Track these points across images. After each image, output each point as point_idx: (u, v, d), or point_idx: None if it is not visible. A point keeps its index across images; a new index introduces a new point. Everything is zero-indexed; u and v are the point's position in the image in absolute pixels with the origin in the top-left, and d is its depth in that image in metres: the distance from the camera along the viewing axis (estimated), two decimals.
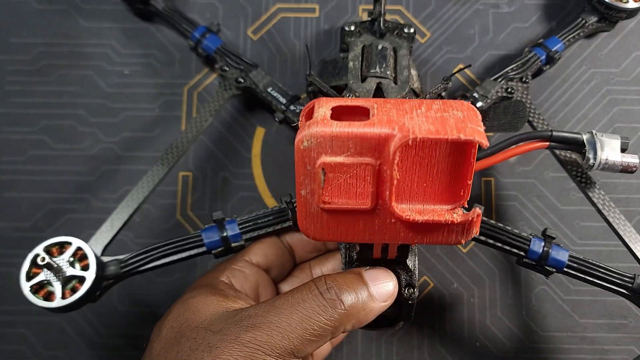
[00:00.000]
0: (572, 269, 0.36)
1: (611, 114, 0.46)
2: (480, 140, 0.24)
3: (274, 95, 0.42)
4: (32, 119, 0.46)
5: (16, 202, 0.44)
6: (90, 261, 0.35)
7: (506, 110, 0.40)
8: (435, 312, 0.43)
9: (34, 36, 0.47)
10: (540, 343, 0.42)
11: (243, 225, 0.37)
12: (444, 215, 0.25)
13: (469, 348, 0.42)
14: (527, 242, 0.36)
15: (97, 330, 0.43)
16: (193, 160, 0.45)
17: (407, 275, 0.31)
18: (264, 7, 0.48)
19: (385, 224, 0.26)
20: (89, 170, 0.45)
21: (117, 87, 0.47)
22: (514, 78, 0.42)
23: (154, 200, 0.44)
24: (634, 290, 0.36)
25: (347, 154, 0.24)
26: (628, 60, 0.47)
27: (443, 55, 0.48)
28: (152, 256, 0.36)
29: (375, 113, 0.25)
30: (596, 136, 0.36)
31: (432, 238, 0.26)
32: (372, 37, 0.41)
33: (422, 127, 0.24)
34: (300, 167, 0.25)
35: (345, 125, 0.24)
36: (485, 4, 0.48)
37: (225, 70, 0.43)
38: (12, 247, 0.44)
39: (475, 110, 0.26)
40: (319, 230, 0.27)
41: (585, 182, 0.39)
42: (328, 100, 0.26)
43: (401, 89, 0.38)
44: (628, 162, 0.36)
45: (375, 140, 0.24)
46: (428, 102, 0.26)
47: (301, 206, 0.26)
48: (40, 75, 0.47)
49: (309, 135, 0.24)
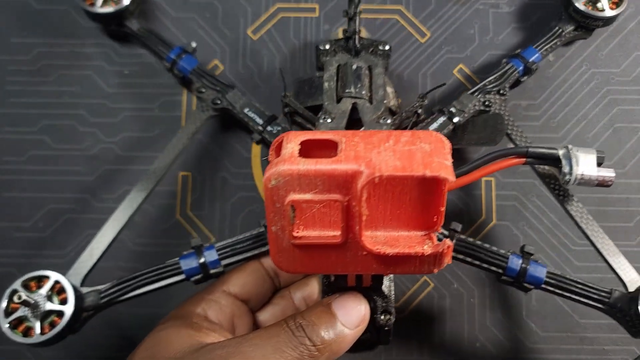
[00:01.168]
0: (550, 285, 0.36)
1: (611, 114, 0.46)
2: (446, 176, 0.24)
3: (251, 116, 0.42)
4: (32, 119, 0.46)
5: (16, 202, 0.44)
6: (69, 294, 0.35)
7: (485, 124, 0.41)
8: (435, 312, 0.43)
9: (34, 36, 0.47)
10: (540, 343, 0.42)
11: (221, 251, 0.36)
12: (415, 247, 0.25)
13: (469, 349, 0.42)
14: (505, 259, 0.36)
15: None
16: (192, 160, 0.45)
17: (384, 302, 0.31)
18: (263, 6, 0.48)
19: (357, 257, 0.26)
20: (88, 170, 0.45)
21: (117, 87, 0.47)
22: (492, 91, 0.42)
23: (153, 200, 0.44)
24: (610, 305, 0.36)
25: (315, 191, 0.24)
26: (628, 61, 0.47)
27: (443, 55, 0.47)
28: (131, 286, 0.36)
29: (343, 148, 0.25)
30: (572, 151, 0.36)
31: (404, 269, 0.26)
32: (347, 56, 0.41)
33: (388, 163, 0.24)
34: (270, 204, 0.25)
35: (312, 163, 0.24)
36: (486, 4, 0.48)
37: (202, 92, 0.43)
38: (12, 247, 0.44)
39: (444, 141, 0.26)
40: (292, 264, 0.27)
41: (563, 196, 0.39)
42: (297, 134, 0.26)
43: (376, 108, 0.38)
44: (604, 176, 0.36)
45: (342, 177, 0.24)
46: (397, 134, 0.26)
47: (273, 241, 0.26)
48: (40, 75, 0.47)
49: (277, 173, 0.24)
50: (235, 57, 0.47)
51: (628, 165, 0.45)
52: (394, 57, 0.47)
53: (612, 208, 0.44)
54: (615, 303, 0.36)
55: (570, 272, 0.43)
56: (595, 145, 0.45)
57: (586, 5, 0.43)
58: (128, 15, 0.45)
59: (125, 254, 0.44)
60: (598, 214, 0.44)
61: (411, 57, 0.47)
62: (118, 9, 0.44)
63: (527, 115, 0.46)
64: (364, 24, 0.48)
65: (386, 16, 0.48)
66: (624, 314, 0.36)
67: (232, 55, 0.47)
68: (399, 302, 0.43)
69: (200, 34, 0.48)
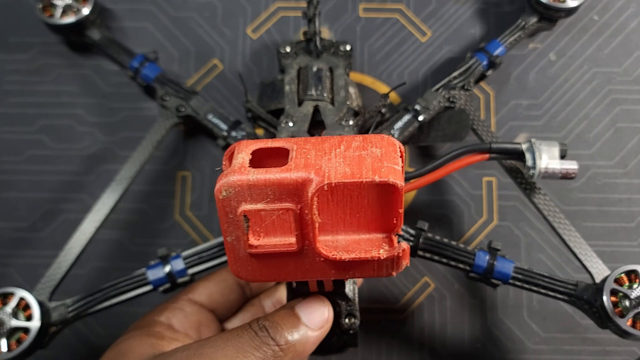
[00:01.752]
0: (517, 280, 0.37)
1: (613, 114, 0.46)
2: (395, 181, 0.24)
3: (215, 122, 0.41)
4: (30, 118, 0.46)
5: (14, 202, 0.44)
6: (34, 311, 0.35)
7: (450, 120, 0.41)
8: (436, 313, 0.43)
9: (32, 35, 0.47)
10: (541, 344, 0.42)
11: (188, 260, 0.36)
12: (371, 252, 0.25)
13: (470, 350, 0.42)
14: (472, 256, 0.37)
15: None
16: (192, 160, 0.45)
17: (348, 305, 0.31)
18: (263, 5, 0.48)
19: (315, 263, 0.26)
20: (87, 170, 0.45)
21: (115, 86, 0.46)
22: (456, 87, 0.42)
23: (151, 200, 0.44)
24: (576, 297, 0.36)
25: (266, 200, 0.24)
26: (630, 60, 0.47)
27: (444, 54, 0.47)
28: (98, 299, 0.36)
29: (293, 156, 0.25)
30: (535, 145, 0.37)
31: (363, 273, 0.26)
32: (308, 58, 0.41)
33: (338, 170, 0.24)
34: (223, 215, 0.25)
35: (262, 172, 0.24)
36: (487, 3, 0.48)
37: (166, 100, 0.42)
38: (10, 247, 0.43)
39: (396, 144, 0.26)
40: (251, 273, 0.27)
41: (530, 189, 0.39)
42: (248, 143, 0.26)
43: (338, 110, 0.38)
44: (567, 169, 0.37)
45: (292, 186, 0.24)
46: (348, 139, 0.26)
47: (229, 252, 0.26)
48: (38, 74, 0.46)
49: (226, 184, 0.24)
50: (235, 56, 0.47)
51: (630, 165, 0.45)
52: (395, 57, 0.47)
53: (614, 208, 0.44)
54: (581, 295, 0.36)
55: (571, 272, 0.43)
56: (597, 145, 0.45)
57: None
58: (89, 24, 0.44)
59: (123, 255, 0.43)
60: (599, 214, 0.44)
61: (412, 56, 0.47)
62: (79, 19, 0.43)
63: (529, 115, 0.46)
64: (364, 24, 0.48)
65: (386, 15, 0.48)
66: (590, 305, 0.36)
67: (232, 54, 0.47)
68: (400, 302, 0.43)
69: (199, 33, 0.47)
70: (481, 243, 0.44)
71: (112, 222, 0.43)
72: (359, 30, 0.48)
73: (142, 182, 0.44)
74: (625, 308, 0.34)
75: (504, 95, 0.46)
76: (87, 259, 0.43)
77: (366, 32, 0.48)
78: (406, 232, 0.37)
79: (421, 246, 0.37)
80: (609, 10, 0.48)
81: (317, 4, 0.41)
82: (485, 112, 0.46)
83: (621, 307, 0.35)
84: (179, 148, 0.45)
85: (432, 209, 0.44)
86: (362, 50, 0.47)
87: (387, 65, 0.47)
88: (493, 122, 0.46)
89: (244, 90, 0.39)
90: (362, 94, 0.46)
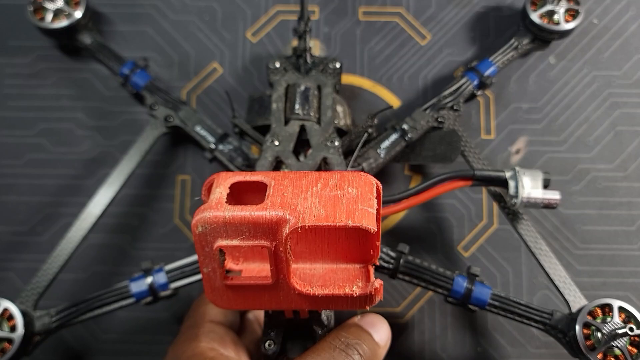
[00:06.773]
0: (494, 307, 0.36)
1: (613, 118, 0.46)
2: (367, 226, 0.24)
3: (202, 134, 0.41)
4: (30, 122, 0.46)
5: (14, 206, 0.44)
6: (17, 321, 0.35)
7: (441, 141, 0.41)
8: (436, 317, 0.42)
9: (31, 40, 0.47)
10: (542, 348, 0.42)
11: (171, 274, 0.37)
12: (344, 288, 0.26)
13: (470, 353, 0.42)
14: (450, 281, 0.37)
15: None
16: (191, 163, 0.45)
17: (323, 331, 0.31)
18: (263, 9, 0.48)
19: (290, 295, 0.26)
20: (87, 174, 0.45)
21: (115, 90, 0.46)
22: (445, 107, 0.41)
23: (151, 204, 0.44)
24: (551, 326, 0.36)
25: (242, 237, 0.25)
26: (630, 64, 0.47)
27: (443, 57, 0.47)
28: (81, 310, 0.36)
29: (270, 193, 0.25)
30: (518, 174, 0.37)
31: (337, 306, 0.27)
32: (297, 75, 0.40)
33: (312, 212, 0.24)
34: (199, 248, 0.25)
35: (238, 210, 0.24)
36: (487, 7, 0.48)
37: (155, 109, 0.42)
38: (10, 251, 0.43)
39: (373, 183, 0.26)
40: (226, 302, 0.27)
41: (512, 215, 0.39)
42: (227, 176, 0.26)
43: (324, 130, 0.38)
44: (549, 199, 0.37)
45: (267, 225, 0.24)
46: (326, 176, 0.26)
47: (206, 282, 0.26)
48: (38, 78, 0.46)
49: (203, 220, 0.24)
50: (235, 59, 0.47)
51: (630, 169, 0.45)
52: (394, 60, 0.47)
53: (614, 212, 0.44)
54: (555, 324, 0.36)
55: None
56: (597, 148, 0.45)
57: (542, 18, 0.43)
58: (80, 28, 0.44)
59: (122, 259, 0.43)
60: (600, 217, 0.44)
61: (411, 59, 0.47)
62: (70, 23, 0.43)
63: (529, 118, 0.46)
64: (364, 27, 0.48)
65: (386, 19, 0.48)
66: (564, 334, 0.36)
67: (231, 57, 0.47)
68: (400, 306, 0.43)
69: (199, 37, 0.47)
70: (481, 247, 0.44)
71: (112, 226, 0.43)
72: (358, 34, 0.48)
73: (142, 186, 0.44)
74: (597, 341, 0.34)
75: (504, 98, 0.46)
76: (88, 264, 0.43)
77: (366, 36, 0.48)
78: (387, 255, 0.37)
79: (401, 269, 0.37)
80: (609, 13, 0.48)
81: (307, 20, 0.41)
82: (485, 116, 0.46)
83: (593, 339, 0.34)
84: (178, 152, 0.45)
85: (432, 212, 0.44)
86: (361, 53, 0.47)
87: (386, 68, 0.47)
88: (493, 126, 0.46)
89: (230, 108, 0.39)
90: (358, 102, 0.46)
